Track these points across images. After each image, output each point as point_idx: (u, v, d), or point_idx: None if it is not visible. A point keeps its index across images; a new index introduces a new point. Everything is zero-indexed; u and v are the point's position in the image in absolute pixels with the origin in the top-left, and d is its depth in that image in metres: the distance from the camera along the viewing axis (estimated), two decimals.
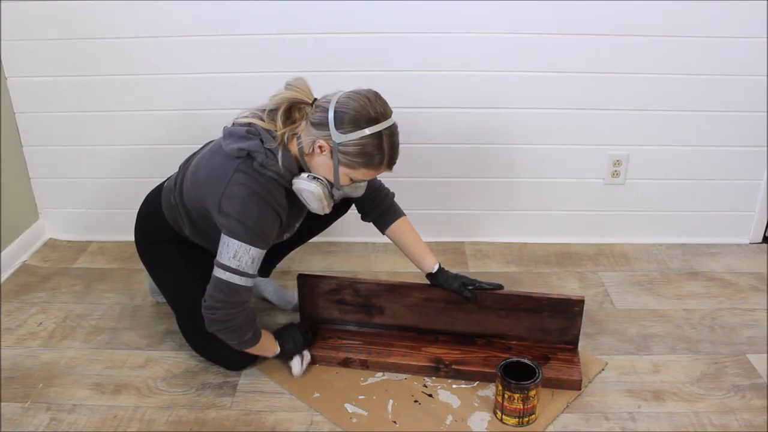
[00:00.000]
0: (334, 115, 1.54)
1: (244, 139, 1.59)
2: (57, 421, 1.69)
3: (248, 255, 1.59)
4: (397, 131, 1.60)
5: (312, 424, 1.68)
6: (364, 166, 1.58)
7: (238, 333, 1.66)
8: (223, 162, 1.62)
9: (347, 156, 1.56)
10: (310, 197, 1.63)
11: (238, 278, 1.60)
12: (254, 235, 1.59)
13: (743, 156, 2.40)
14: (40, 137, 2.46)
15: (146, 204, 1.93)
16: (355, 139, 1.54)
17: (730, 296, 2.21)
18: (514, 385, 1.60)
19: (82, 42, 2.27)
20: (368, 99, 1.56)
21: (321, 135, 1.57)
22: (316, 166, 1.63)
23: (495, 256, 2.47)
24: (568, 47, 2.23)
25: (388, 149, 1.57)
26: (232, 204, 1.58)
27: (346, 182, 1.63)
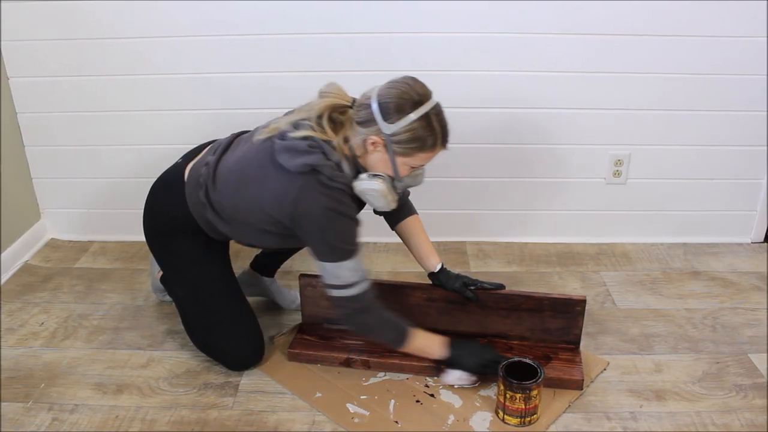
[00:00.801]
0: (379, 108, 1.55)
1: (307, 154, 1.57)
2: (59, 421, 1.70)
3: (344, 269, 1.60)
4: (442, 109, 1.60)
5: (314, 424, 1.68)
6: (419, 151, 1.58)
7: (376, 333, 1.70)
8: (285, 179, 1.59)
9: (401, 145, 1.57)
10: (374, 196, 1.63)
11: (347, 291, 1.62)
12: (340, 251, 1.60)
13: (745, 155, 2.40)
14: (42, 137, 2.46)
15: (161, 194, 1.87)
16: (405, 126, 1.54)
17: (732, 296, 2.21)
18: (516, 384, 1.60)
19: (83, 42, 2.27)
20: (407, 84, 1.57)
21: (370, 131, 1.57)
22: (372, 163, 1.63)
23: (496, 255, 2.47)
24: (569, 47, 2.23)
25: (439, 128, 1.58)
26: (310, 226, 1.58)
27: (406, 172, 1.64)
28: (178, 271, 1.87)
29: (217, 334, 1.83)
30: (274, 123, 1.69)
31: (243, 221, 1.72)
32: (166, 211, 1.84)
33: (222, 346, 1.84)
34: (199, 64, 2.29)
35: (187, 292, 1.87)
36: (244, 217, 1.70)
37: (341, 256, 1.60)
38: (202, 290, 1.83)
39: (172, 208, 1.82)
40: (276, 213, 1.62)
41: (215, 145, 1.82)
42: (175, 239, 1.84)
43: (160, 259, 1.90)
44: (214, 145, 1.83)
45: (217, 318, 1.82)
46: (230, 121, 2.27)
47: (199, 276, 1.84)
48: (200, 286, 1.83)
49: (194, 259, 1.84)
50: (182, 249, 1.84)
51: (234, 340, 1.83)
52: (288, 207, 1.58)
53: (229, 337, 1.82)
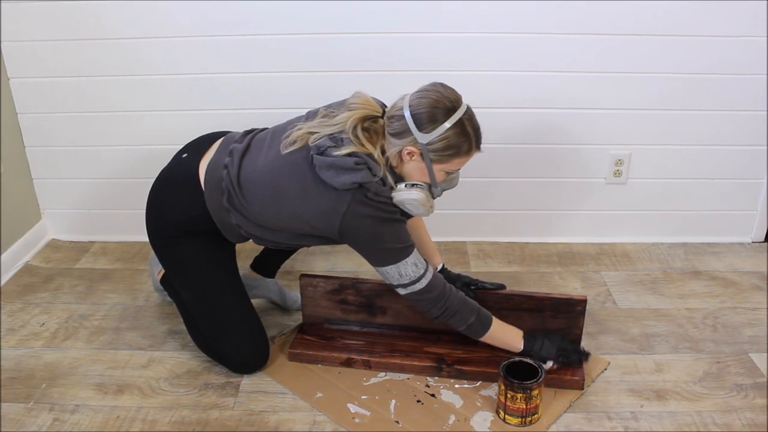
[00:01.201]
0: (413, 118, 1.56)
1: (354, 171, 1.56)
2: (60, 422, 1.70)
3: (407, 267, 1.64)
4: (473, 114, 1.62)
5: (315, 424, 1.68)
6: (455, 157, 1.60)
7: (459, 318, 1.70)
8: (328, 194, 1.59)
9: (437, 153, 1.58)
10: (414, 205, 1.64)
11: (418, 284, 1.65)
12: (397, 252, 1.63)
13: (745, 155, 2.40)
14: (43, 138, 2.46)
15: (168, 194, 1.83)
16: (440, 135, 1.56)
17: (733, 295, 2.21)
18: (517, 384, 1.60)
19: (84, 43, 2.28)
20: (438, 92, 1.59)
21: (406, 142, 1.58)
22: (409, 172, 1.64)
23: (497, 255, 2.48)
24: (570, 47, 2.23)
25: (473, 132, 1.60)
26: (361, 238, 1.62)
27: (442, 177, 1.66)
28: (184, 272, 1.85)
29: (224, 338, 1.82)
30: (297, 130, 1.66)
31: (282, 228, 1.72)
32: (179, 212, 1.79)
33: (228, 349, 1.83)
34: (200, 64, 2.30)
35: (193, 294, 1.85)
36: (284, 224, 1.71)
37: (399, 256, 1.63)
38: (209, 292, 1.82)
39: (185, 209, 1.78)
40: (323, 228, 1.64)
41: (228, 143, 1.77)
42: (183, 240, 1.81)
43: (164, 260, 1.88)
44: (227, 143, 1.78)
45: (224, 321, 1.82)
46: (231, 121, 2.27)
47: (207, 278, 1.82)
48: (207, 289, 1.82)
49: (202, 261, 1.83)
50: (190, 251, 1.82)
51: (240, 343, 1.82)
52: (337, 224, 1.60)
53: (235, 340, 1.82)
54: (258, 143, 1.75)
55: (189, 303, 1.88)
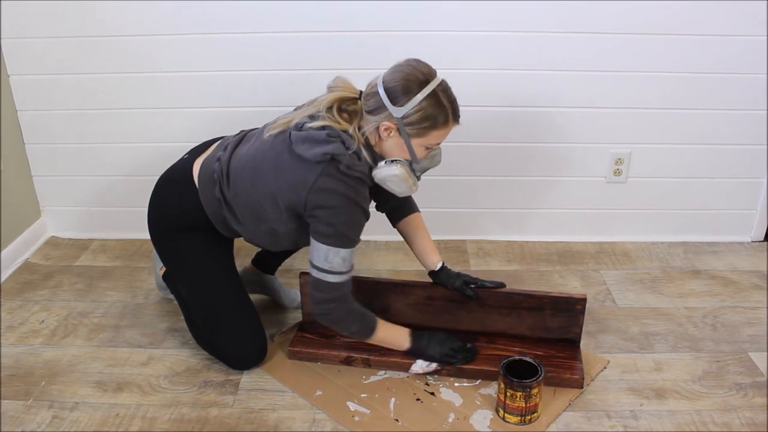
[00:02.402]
0: (386, 93, 1.56)
1: (326, 143, 1.57)
2: (59, 419, 1.70)
3: (338, 256, 1.62)
4: (448, 86, 1.62)
5: (314, 422, 1.68)
6: (432, 129, 1.59)
7: (342, 325, 1.71)
8: (304, 167, 1.60)
9: (413, 126, 1.58)
10: (395, 181, 1.64)
11: (331, 277, 1.63)
12: (343, 238, 1.61)
13: (745, 154, 2.40)
14: (42, 135, 2.46)
15: (166, 192, 1.86)
16: (415, 106, 1.55)
17: (732, 294, 2.21)
18: (517, 383, 1.60)
19: (84, 40, 2.27)
20: (411, 66, 1.59)
21: (382, 118, 1.58)
22: (388, 150, 1.64)
23: (497, 254, 2.48)
24: (570, 45, 2.23)
25: (448, 103, 1.59)
26: (322, 209, 1.60)
27: (423, 153, 1.65)
28: (182, 268, 1.86)
29: (221, 333, 1.83)
30: (284, 118, 1.70)
31: (256, 219, 1.72)
32: (174, 208, 1.83)
33: (225, 344, 1.84)
34: (200, 62, 2.29)
35: (191, 290, 1.87)
36: (258, 213, 1.71)
37: (342, 243, 1.61)
38: (206, 288, 1.83)
39: (180, 204, 1.82)
40: (292, 202, 1.62)
41: (224, 142, 1.82)
42: (181, 236, 1.83)
43: (165, 257, 1.89)
44: (224, 142, 1.83)
45: (221, 316, 1.82)
46: (232, 119, 2.27)
47: (204, 274, 1.83)
48: (205, 284, 1.83)
49: (200, 256, 1.84)
50: (188, 246, 1.84)
51: (238, 339, 1.83)
52: (305, 194, 1.59)
53: (232, 336, 1.82)
54: (249, 136, 1.79)
55: (187, 298, 1.90)
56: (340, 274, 1.64)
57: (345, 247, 1.62)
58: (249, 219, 1.74)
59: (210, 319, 1.84)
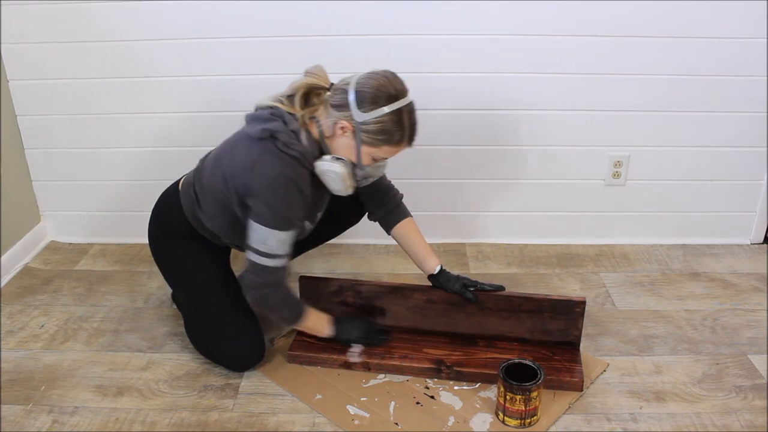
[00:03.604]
0: (356, 95, 1.58)
1: (268, 121, 1.63)
2: (59, 424, 1.70)
3: (275, 239, 1.63)
4: (414, 109, 1.65)
5: (314, 426, 1.68)
6: (385, 144, 1.62)
7: (275, 311, 1.73)
8: (248, 146, 1.65)
9: (369, 134, 1.60)
10: (333, 178, 1.66)
11: (268, 260, 1.64)
12: (280, 219, 1.62)
13: (744, 156, 2.40)
14: (42, 140, 2.46)
15: (163, 201, 1.93)
16: (376, 117, 1.58)
17: (732, 297, 2.21)
18: (516, 386, 1.60)
19: (83, 45, 2.28)
20: (386, 78, 1.61)
21: (342, 116, 1.60)
22: (338, 147, 1.66)
23: (496, 257, 2.48)
24: (568, 48, 2.23)
25: (408, 126, 1.62)
26: (259, 186, 1.61)
27: (368, 162, 1.67)
28: (177, 275, 1.90)
29: (218, 335, 1.83)
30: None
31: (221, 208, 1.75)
32: (166, 219, 1.89)
33: (223, 347, 1.84)
34: (199, 66, 2.30)
35: (187, 296, 1.89)
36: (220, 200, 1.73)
37: (278, 224, 1.63)
38: (201, 293, 1.84)
39: (170, 214, 1.87)
40: (237, 184, 1.66)
41: None
42: (174, 244, 1.87)
43: (162, 267, 1.93)
44: None
45: (216, 319, 1.83)
46: (232, 123, 2.27)
47: (200, 279, 1.85)
48: (198, 288, 1.85)
49: (192, 262, 1.86)
50: (183, 254, 1.87)
51: (234, 339, 1.83)
52: (248, 172, 1.62)
53: (228, 336, 1.83)
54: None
55: (184, 304, 1.92)
56: (277, 258, 1.64)
57: (282, 230, 1.63)
58: (215, 210, 1.76)
59: (206, 323, 1.85)
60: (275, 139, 1.61)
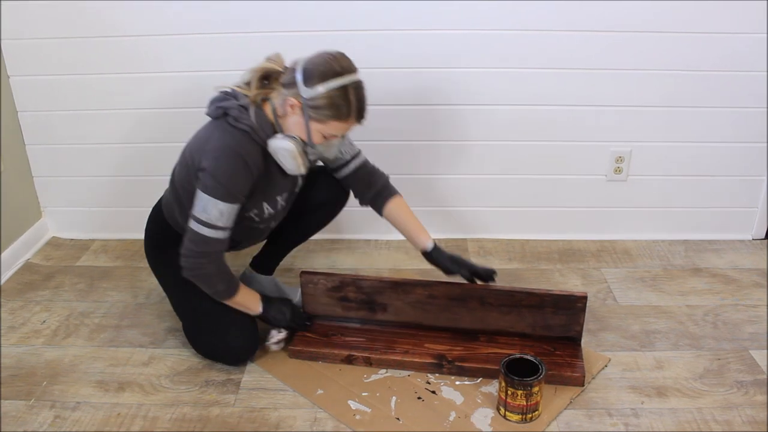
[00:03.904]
0: (303, 73, 1.62)
1: (222, 100, 1.70)
2: (61, 419, 1.70)
3: (216, 209, 1.65)
4: (363, 87, 1.67)
5: (315, 421, 1.68)
6: (333, 119, 1.64)
7: (208, 283, 1.73)
8: (205, 127, 1.74)
9: (316, 110, 1.63)
10: (285, 155, 1.69)
11: (207, 230, 1.67)
12: (222, 189, 1.65)
13: (746, 152, 2.39)
14: (43, 136, 2.46)
15: (150, 214, 1.99)
16: (322, 93, 1.61)
17: (733, 292, 2.21)
18: (518, 381, 1.60)
19: (84, 40, 2.27)
20: (333, 56, 1.65)
21: (291, 93, 1.65)
22: (289, 126, 1.70)
23: (497, 252, 2.48)
24: (570, 44, 2.23)
25: (355, 101, 1.64)
26: (207, 158, 1.66)
27: (319, 139, 1.69)
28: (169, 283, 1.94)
29: (207, 331, 1.85)
30: None
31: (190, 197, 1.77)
32: (150, 229, 1.97)
33: (214, 341, 1.85)
34: (202, 62, 2.29)
35: (177, 298, 1.93)
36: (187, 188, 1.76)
37: (221, 194, 1.65)
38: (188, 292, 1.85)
39: (154, 225, 1.95)
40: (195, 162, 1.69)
41: None
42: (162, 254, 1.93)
43: (158, 277, 1.98)
44: None
45: (205, 315, 1.84)
46: None
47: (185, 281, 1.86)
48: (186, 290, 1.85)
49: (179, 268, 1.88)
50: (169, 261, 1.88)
51: (224, 333, 1.83)
52: (201, 149, 1.68)
53: (218, 331, 1.83)
54: None
55: (175, 306, 1.95)
56: (216, 229, 1.67)
57: (224, 201, 1.65)
58: (186, 195, 1.78)
59: (197, 322, 1.87)
60: (227, 115, 1.67)
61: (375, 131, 2.15)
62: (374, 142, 2.30)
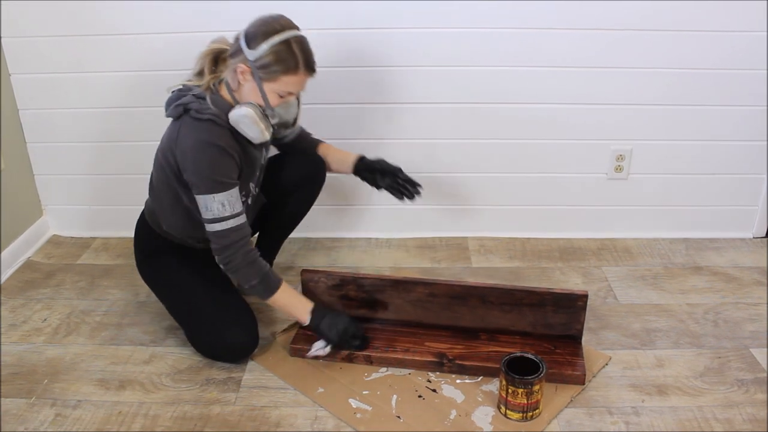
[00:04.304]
0: (245, 37, 1.66)
1: (179, 98, 1.73)
2: (62, 417, 1.70)
3: (215, 203, 1.68)
4: (306, 41, 1.70)
5: (316, 419, 1.68)
6: (282, 73, 1.66)
7: (241, 275, 1.73)
8: (170, 127, 1.76)
9: (265, 69, 1.66)
10: (246, 123, 1.70)
11: (218, 225, 1.69)
12: (211, 183, 1.67)
13: (746, 150, 2.39)
14: (44, 134, 2.46)
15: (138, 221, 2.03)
16: (267, 50, 1.64)
17: (734, 291, 2.21)
18: (518, 380, 1.60)
19: (85, 38, 2.27)
20: (272, 17, 1.69)
21: (238, 60, 1.68)
22: (245, 95, 1.72)
23: (498, 251, 2.48)
24: (570, 42, 2.22)
25: (300, 52, 1.67)
26: (185, 159, 1.69)
27: (276, 100, 1.71)
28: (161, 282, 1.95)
29: (206, 330, 1.85)
30: None
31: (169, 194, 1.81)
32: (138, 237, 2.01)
33: (213, 340, 1.85)
34: None
35: (171, 302, 1.93)
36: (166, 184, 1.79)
37: (212, 187, 1.67)
38: (184, 295, 1.88)
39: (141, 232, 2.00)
40: (172, 162, 1.72)
41: None
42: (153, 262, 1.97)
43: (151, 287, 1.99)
44: None
45: (203, 315, 1.85)
46: None
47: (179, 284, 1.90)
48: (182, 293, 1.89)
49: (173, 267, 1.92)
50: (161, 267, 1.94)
51: (223, 330, 1.83)
52: (174, 151, 1.70)
53: (217, 329, 1.83)
54: None
55: (172, 312, 1.95)
56: (224, 220, 1.69)
57: (217, 192, 1.67)
58: (166, 199, 1.81)
59: (196, 322, 1.87)
60: (188, 110, 1.69)
61: (374, 129, 2.15)
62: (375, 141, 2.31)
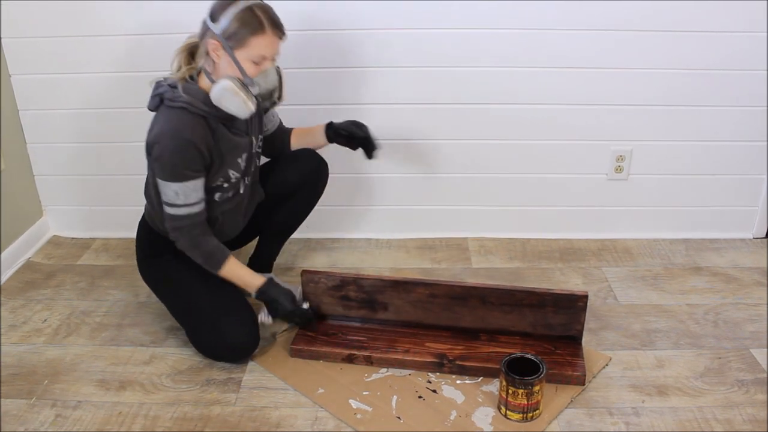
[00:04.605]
0: (209, 14, 1.70)
1: (155, 90, 1.76)
2: (62, 418, 1.70)
3: (170, 190, 1.72)
4: (269, 6, 1.72)
5: (316, 420, 1.68)
6: (251, 35, 1.67)
7: (189, 254, 1.81)
8: (151, 122, 1.77)
9: (233, 37, 1.67)
10: (227, 97, 1.69)
11: (170, 209, 1.75)
12: (169, 171, 1.71)
13: (747, 151, 2.39)
14: (44, 134, 2.46)
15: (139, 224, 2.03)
16: (231, 18, 1.66)
17: (734, 291, 2.21)
18: (518, 380, 1.60)
19: (85, 39, 2.27)
20: None
21: (207, 37, 1.70)
22: (222, 72, 1.73)
23: (498, 251, 2.48)
24: (571, 42, 2.22)
25: (263, 14, 1.68)
26: (152, 144, 1.72)
27: (252, 70, 1.72)
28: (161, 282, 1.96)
29: (206, 330, 1.85)
30: None
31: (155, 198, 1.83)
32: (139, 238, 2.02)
33: (213, 339, 1.85)
34: None
35: (171, 302, 1.94)
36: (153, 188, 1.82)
37: (168, 176, 1.72)
38: (184, 296, 1.89)
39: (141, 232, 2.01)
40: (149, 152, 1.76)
41: None
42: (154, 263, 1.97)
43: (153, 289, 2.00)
44: None
45: (202, 315, 1.85)
46: None
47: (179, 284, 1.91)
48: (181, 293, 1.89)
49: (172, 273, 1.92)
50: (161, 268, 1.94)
51: (224, 330, 1.83)
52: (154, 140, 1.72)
53: (218, 328, 1.83)
54: None
55: (172, 312, 1.95)
56: (176, 207, 1.74)
57: (174, 181, 1.71)
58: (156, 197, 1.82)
59: (196, 322, 1.87)
60: (163, 100, 1.73)
61: (376, 129, 2.14)
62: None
